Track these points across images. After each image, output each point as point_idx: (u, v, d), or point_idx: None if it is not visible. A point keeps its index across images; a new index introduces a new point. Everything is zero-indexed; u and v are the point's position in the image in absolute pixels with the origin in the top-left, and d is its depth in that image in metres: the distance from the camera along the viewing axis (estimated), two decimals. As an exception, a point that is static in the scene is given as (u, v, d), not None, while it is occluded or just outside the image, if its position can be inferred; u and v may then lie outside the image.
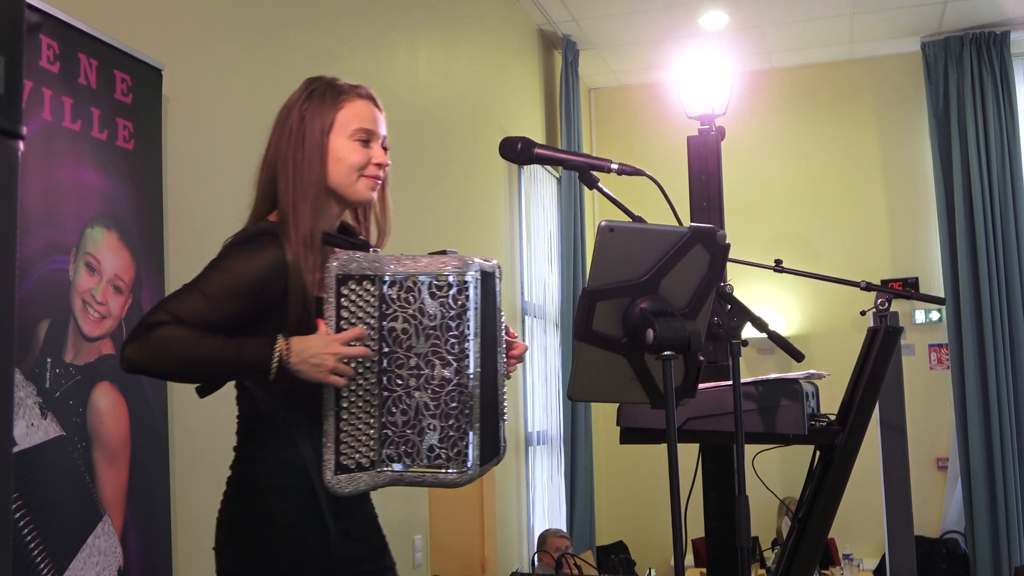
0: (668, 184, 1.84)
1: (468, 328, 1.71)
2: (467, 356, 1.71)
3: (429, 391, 1.70)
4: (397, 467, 1.71)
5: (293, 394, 1.72)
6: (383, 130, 1.87)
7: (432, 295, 1.70)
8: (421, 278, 1.70)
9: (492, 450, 1.82)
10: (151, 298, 2.44)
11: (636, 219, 1.70)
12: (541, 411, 5.75)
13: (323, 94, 1.83)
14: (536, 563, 4.50)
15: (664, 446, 1.56)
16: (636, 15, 5.91)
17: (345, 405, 1.70)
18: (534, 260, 5.74)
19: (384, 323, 1.70)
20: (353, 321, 1.69)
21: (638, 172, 1.77)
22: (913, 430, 3.76)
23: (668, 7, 5.78)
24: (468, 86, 4.96)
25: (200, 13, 2.85)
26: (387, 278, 1.70)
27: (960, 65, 6.21)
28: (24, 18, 0.69)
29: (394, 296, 1.70)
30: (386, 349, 1.71)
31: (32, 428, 2.03)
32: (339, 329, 1.68)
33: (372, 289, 1.71)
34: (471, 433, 1.72)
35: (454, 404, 1.70)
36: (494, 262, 1.84)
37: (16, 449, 1.98)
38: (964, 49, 6.21)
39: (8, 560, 0.67)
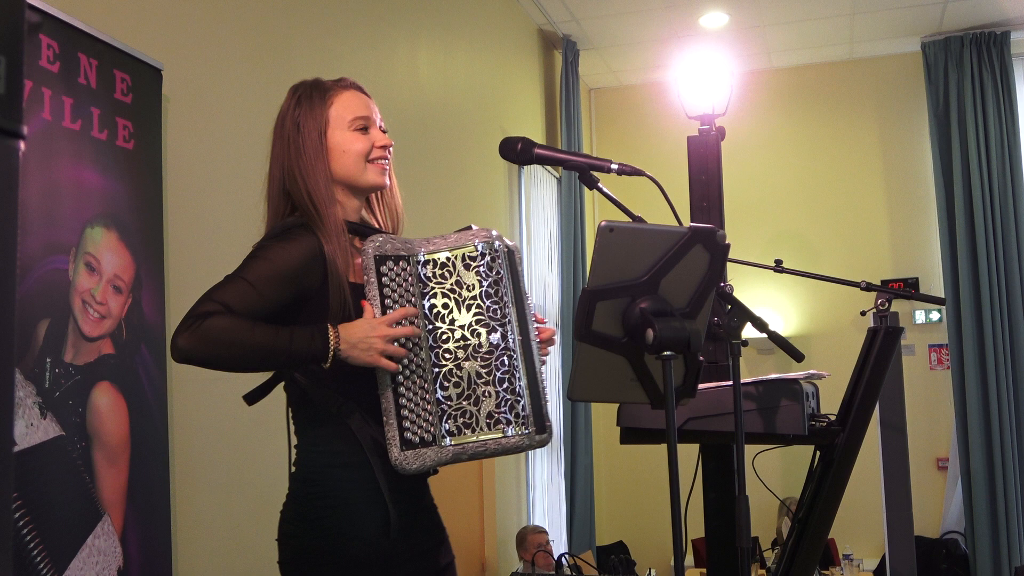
0: (668, 184, 1.84)
1: (507, 294, 1.76)
2: (509, 321, 1.74)
3: (479, 359, 1.72)
4: (459, 440, 1.71)
5: (345, 383, 1.74)
6: (377, 115, 1.89)
7: (467, 267, 1.74)
8: (454, 252, 1.74)
9: (543, 424, 1.80)
10: (151, 298, 2.44)
11: (636, 219, 1.70)
12: (541, 411, 5.74)
13: (310, 96, 1.86)
14: (534, 563, 4.50)
15: (664, 446, 1.55)
16: (636, 15, 5.91)
17: (401, 380, 1.71)
18: (534, 260, 5.74)
19: (424, 301, 1.74)
20: (396, 298, 1.72)
21: (638, 172, 1.77)
22: (913, 430, 3.76)
23: (668, 7, 5.78)
24: (468, 86, 4.96)
25: (200, 13, 2.85)
26: (421, 258, 1.74)
27: (960, 65, 6.21)
28: (24, 18, 0.69)
29: (429, 274, 1.74)
30: (429, 326, 1.73)
31: (32, 428, 2.03)
32: (384, 310, 1.71)
33: (409, 269, 1.74)
34: (526, 396, 1.73)
35: (505, 368, 1.72)
36: (514, 243, 1.88)
37: (16, 449, 1.98)
38: (964, 49, 6.21)
39: (8, 560, 0.67)
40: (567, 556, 4.60)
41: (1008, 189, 6.04)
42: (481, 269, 1.74)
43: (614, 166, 1.77)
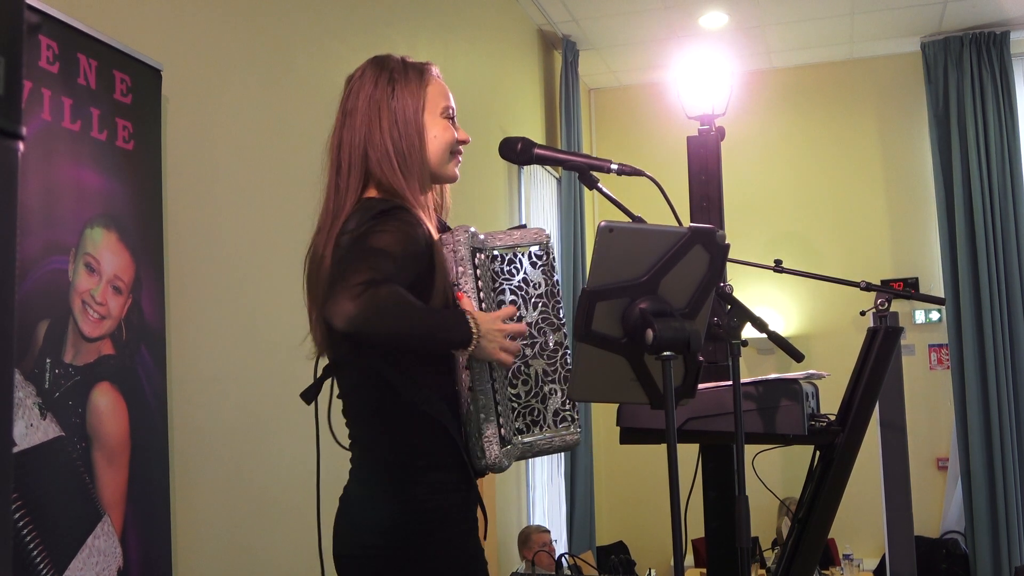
0: (668, 184, 1.84)
1: (561, 293, 1.82)
2: (565, 320, 1.81)
3: (545, 357, 1.76)
4: (528, 437, 1.73)
5: (425, 378, 1.67)
6: None
7: (533, 264, 1.77)
8: (520, 248, 1.76)
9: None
10: (151, 298, 2.44)
11: (636, 219, 1.70)
12: (541, 411, 5.74)
13: (405, 72, 1.77)
14: (533, 563, 4.50)
15: (664, 446, 1.55)
16: (636, 15, 5.91)
17: (496, 376, 1.71)
18: (534, 260, 5.73)
19: (496, 296, 1.74)
20: (487, 292, 1.72)
21: (638, 172, 1.77)
22: (913, 430, 3.76)
23: (668, 7, 5.78)
24: (468, 86, 4.96)
25: (200, 13, 2.85)
26: (496, 252, 1.75)
27: (960, 65, 6.21)
28: (24, 18, 0.69)
29: (498, 269, 1.75)
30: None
31: (32, 428, 2.03)
32: (479, 303, 1.68)
33: (487, 263, 1.73)
34: None
35: (569, 366, 1.77)
36: None
37: (16, 449, 1.98)
38: (964, 49, 6.21)
39: (8, 560, 0.67)
40: (567, 556, 4.60)
41: (1008, 189, 6.04)
42: (546, 268, 1.78)
43: (614, 166, 1.77)
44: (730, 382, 1.98)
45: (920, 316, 6.44)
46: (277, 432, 3.03)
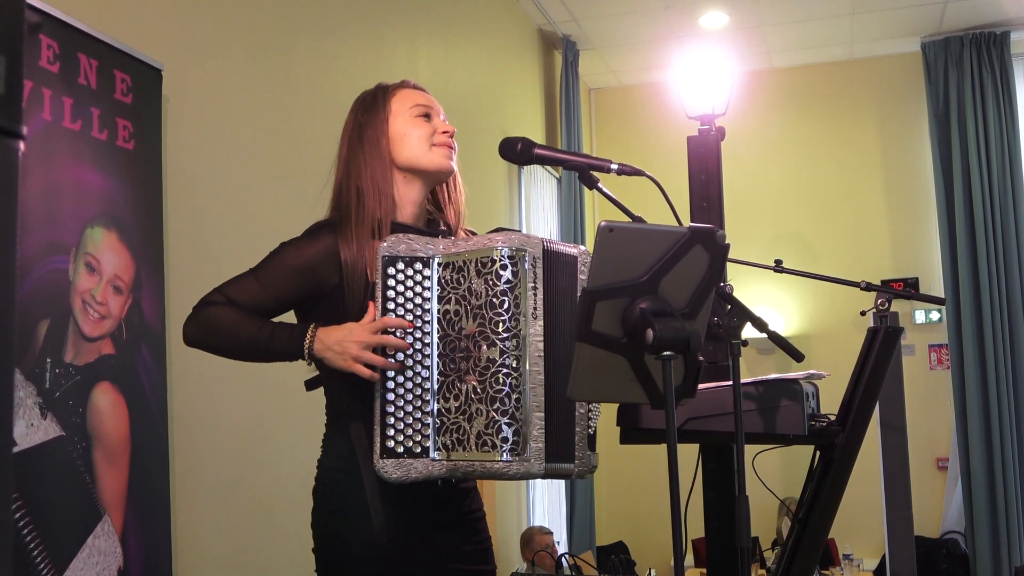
0: (668, 184, 1.84)
1: (520, 306, 1.65)
2: (517, 336, 1.64)
3: (476, 373, 1.65)
4: (450, 456, 1.65)
5: (354, 383, 1.71)
6: (440, 110, 1.91)
7: (478, 272, 1.66)
8: (468, 256, 1.68)
9: (561, 452, 1.72)
10: (151, 298, 2.44)
11: (636, 219, 1.70)
12: (541, 411, 5.74)
13: (373, 96, 1.89)
14: (533, 563, 4.50)
15: (664, 446, 1.55)
16: (636, 15, 5.91)
17: (391, 387, 1.67)
18: (534, 260, 5.73)
19: (439, 306, 1.68)
20: (401, 302, 1.67)
21: (638, 172, 1.77)
22: (913, 430, 3.76)
23: (668, 7, 5.78)
24: (468, 86, 4.96)
25: (200, 13, 2.85)
26: (439, 259, 1.69)
27: (960, 65, 6.21)
28: (24, 18, 0.69)
29: (447, 278, 1.69)
30: (440, 333, 1.68)
31: (32, 428, 2.03)
32: (386, 312, 1.67)
33: (425, 271, 1.69)
34: (526, 420, 1.64)
35: (500, 387, 1.63)
36: (578, 248, 1.81)
37: (16, 449, 1.98)
38: (964, 49, 6.21)
39: (8, 560, 0.67)
40: (567, 556, 4.60)
41: (1008, 189, 6.04)
42: (489, 278, 1.65)
43: (614, 166, 1.77)
44: (730, 382, 1.97)
45: (920, 316, 6.44)
46: (277, 432, 3.03)
